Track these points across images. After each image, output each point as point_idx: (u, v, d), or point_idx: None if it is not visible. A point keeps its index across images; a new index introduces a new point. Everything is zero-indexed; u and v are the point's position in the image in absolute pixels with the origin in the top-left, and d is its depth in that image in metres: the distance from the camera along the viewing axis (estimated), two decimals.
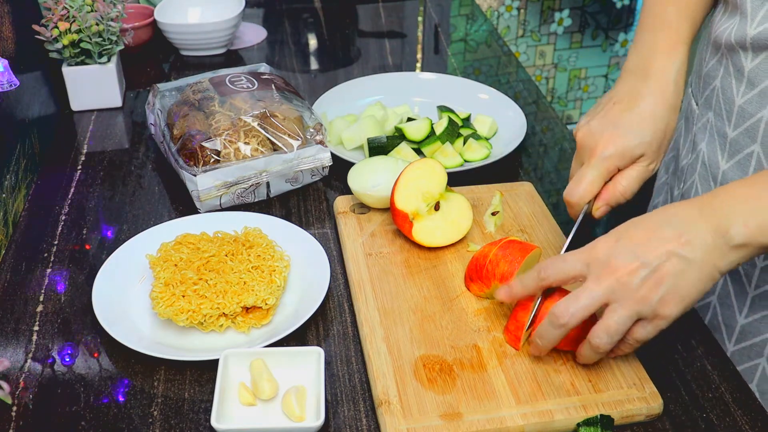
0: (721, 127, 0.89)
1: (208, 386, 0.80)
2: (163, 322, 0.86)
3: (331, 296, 0.92)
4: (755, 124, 0.83)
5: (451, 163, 1.13)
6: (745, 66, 0.84)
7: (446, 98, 1.31)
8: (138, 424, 0.76)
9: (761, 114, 0.82)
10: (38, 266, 0.97)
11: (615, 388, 0.77)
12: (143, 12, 1.52)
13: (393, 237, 0.98)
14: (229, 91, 1.12)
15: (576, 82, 2.82)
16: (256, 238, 0.92)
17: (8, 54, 1.10)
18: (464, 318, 0.86)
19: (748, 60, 0.83)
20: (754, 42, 0.82)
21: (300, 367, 0.79)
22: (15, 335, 0.87)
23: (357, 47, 1.62)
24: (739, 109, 0.85)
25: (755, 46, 0.82)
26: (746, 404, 0.78)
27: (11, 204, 1.03)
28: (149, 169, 1.17)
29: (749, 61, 0.83)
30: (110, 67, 1.30)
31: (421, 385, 0.77)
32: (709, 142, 0.91)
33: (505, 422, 0.74)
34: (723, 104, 0.88)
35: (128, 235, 1.00)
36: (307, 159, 1.07)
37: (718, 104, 0.89)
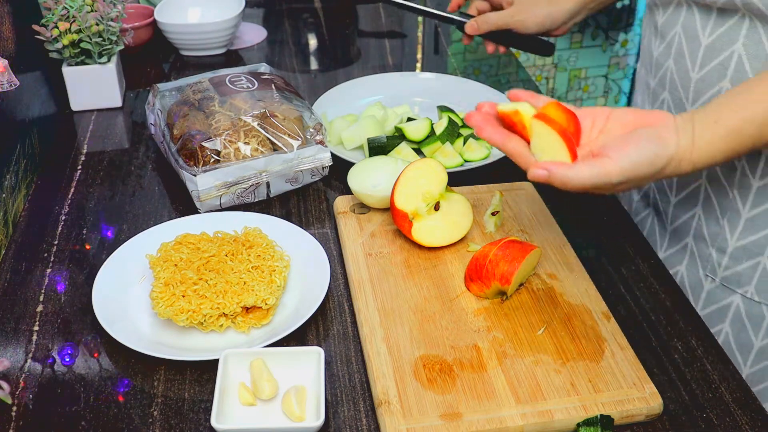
0: (647, 80, 1.01)
1: (208, 386, 0.80)
2: (163, 322, 0.86)
3: (331, 296, 0.92)
4: (665, 73, 0.96)
5: (451, 163, 1.13)
6: (658, 21, 0.96)
7: (446, 98, 1.31)
8: (138, 424, 0.76)
9: (668, 63, 0.94)
10: (38, 266, 0.97)
11: (615, 388, 0.77)
12: (143, 12, 1.52)
13: (393, 237, 0.98)
14: (229, 91, 1.12)
15: (576, 82, 2.82)
16: (256, 238, 0.92)
17: (8, 54, 1.10)
18: (464, 318, 0.86)
19: (660, 15, 0.95)
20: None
21: (300, 367, 0.79)
22: (15, 335, 0.87)
23: (357, 47, 1.61)
24: (655, 61, 0.98)
25: (663, 1, 0.94)
26: (746, 404, 0.78)
27: (11, 204, 1.03)
28: (149, 169, 1.17)
29: (660, 17, 0.95)
30: (110, 67, 1.30)
31: (421, 385, 0.77)
32: (642, 94, 1.06)
33: (505, 422, 0.74)
34: (647, 58, 1.01)
35: (128, 235, 1.00)
36: (307, 159, 1.07)
37: (645, 59, 1.02)
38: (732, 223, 0.92)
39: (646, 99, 1.03)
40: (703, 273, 0.98)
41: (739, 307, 0.95)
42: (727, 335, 0.97)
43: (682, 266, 1.01)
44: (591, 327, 0.84)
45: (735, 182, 0.90)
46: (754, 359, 0.95)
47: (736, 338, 0.96)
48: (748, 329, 0.95)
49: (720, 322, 0.97)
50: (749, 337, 0.95)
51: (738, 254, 0.93)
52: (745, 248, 0.92)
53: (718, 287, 0.96)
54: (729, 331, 0.97)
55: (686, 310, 0.90)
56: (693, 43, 0.89)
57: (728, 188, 0.91)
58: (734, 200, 0.91)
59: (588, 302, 0.88)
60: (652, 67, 0.99)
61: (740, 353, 0.97)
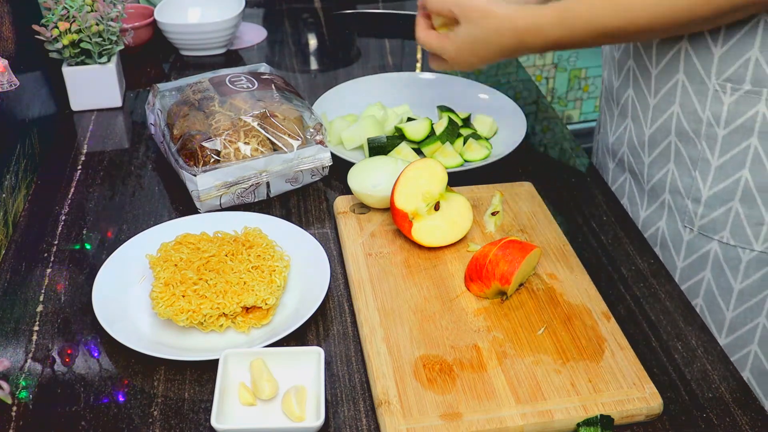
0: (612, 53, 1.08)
1: (208, 386, 0.80)
2: (163, 322, 0.86)
3: (331, 296, 0.92)
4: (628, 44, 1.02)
5: (451, 163, 1.13)
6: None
7: (446, 98, 1.31)
8: (138, 424, 0.76)
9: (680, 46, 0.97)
10: (38, 266, 0.97)
11: (615, 388, 0.77)
12: (143, 12, 1.52)
13: (393, 237, 0.98)
14: (229, 91, 1.12)
15: (576, 82, 2.82)
16: (256, 238, 0.92)
17: (8, 54, 1.10)
18: (464, 318, 0.86)
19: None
20: None
21: (300, 367, 0.79)
22: (15, 335, 0.87)
23: (357, 47, 1.61)
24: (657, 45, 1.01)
25: None
26: (746, 404, 0.78)
27: (11, 204, 1.03)
28: (149, 169, 1.17)
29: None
30: (110, 67, 1.30)
31: (421, 385, 0.77)
32: (608, 69, 1.11)
33: (505, 422, 0.74)
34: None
35: (128, 235, 1.00)
36: (307, 159, 1.07)
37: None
38: (703, 173, 0.96)
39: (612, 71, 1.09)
40: (682, 225, 1.01)
41: (717, 253, 0.99)
42: (709, 282, 1.01)
43: (662, 221, 1.05)
44: (591, 327, 0.84)
45: (702, 133, 0.94)
46: (735, 303, 0.99)
47: (717, 283, 1.00)
48: (727, 274, 0.98)
49: (701, 270, 1.01)
50: (728, 282, 0.99)
51: (711, 202, 0.97)
52: (717, 195, 0.96)
53: (696, 236, 1.00)
54: (710, 277, 1.00)
55: (686, 310, 0.90)
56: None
57: (696, 140, 0.96)
58: (703, 151, 0.95)
59: (588, 302, 0.88)
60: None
61: (722, 298, 1.00)
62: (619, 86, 1.07)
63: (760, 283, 0.96)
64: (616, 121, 1.10)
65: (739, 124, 0.91)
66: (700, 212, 0.98)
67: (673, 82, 0.96)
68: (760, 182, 0.92)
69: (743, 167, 0.93)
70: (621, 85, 1.06)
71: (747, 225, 0.95)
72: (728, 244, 0.97)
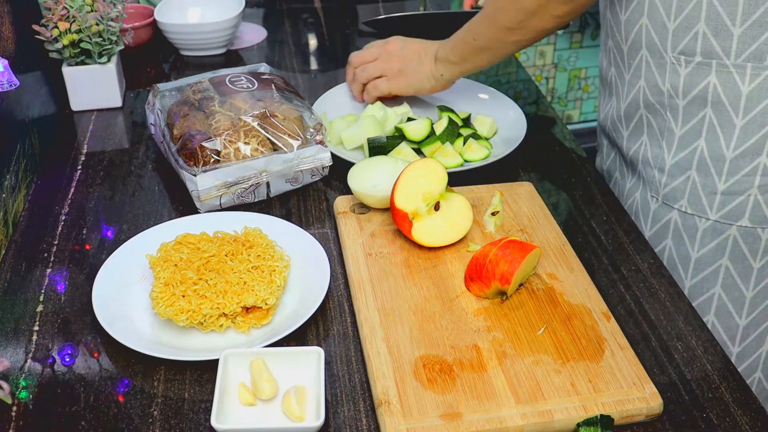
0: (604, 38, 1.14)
1: (208, 386, 0.80)
2: (163, 322, 0.86)
3: (331, 296, 0.92)
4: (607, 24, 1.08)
5: (451, 163, 1.13)
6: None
7: (446, 98, 1.31)
8: (138, 424, 0.76)
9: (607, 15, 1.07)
10: (38, 266, 0.97)
11: (615, 388, 0.77)
12: (143, 12, 1.52)
13: (393, 237, 0.98)
14: (229, 91, 1.12)
15: (576, 82, 2.82)
16: (256, 238, 0.92)
17: (8, 54, 1.10)
18: (464, 318, 0.86)
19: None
20: None
21: (300, 367, 0.79)
22: (15, 335, 0.87)
23: (357, 47, 1.61)
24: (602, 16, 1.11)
25: None
26: (746, 404, 0.78)
27: (11, 204, 1.03)
28: (149, 169, 1.17)
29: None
30: (110, 67, 1.30)
31: (421, 385, 0.77)
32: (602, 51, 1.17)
33: (505, 422, 0.74)
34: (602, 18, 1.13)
35: (128, 235, 1.00)
36: (307, 159, 1.07)
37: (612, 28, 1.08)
38: (669, 142, 1.02)
39: (603, 55, 1.16)
40: (650, 195, 1.07)
41: (677, 222, 1.04)
42: (671, 250, 1.06)
43: (638, 193, 1.11)
44: (591, 327, 0.84)
45: (666, 105, 1.01)
46: (693, 271, 1.04)
47: (677, 252, 1.05)
48: (685, 242, 1.03)
49: (664, 239, 1.07)
50: (687, 250, 1.04)
51: (673, 171, 1.02)
52: (678, 164, 1.02)
53: (660, 206, 1.06)
54: (671, 245, 1.06)
55: (686, 310, 0.90)
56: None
57: (663, 112, 1.02)
58: (669, 121, 1.01)
59: (588, 302, 0.88)
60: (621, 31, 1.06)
61: (681, 266, 1.05)
62: (606, 65, 1.14)
63: (715, 251, 1.00)
64: (605, 99, 1.18)
65: (694, 94, 0.96)
66: (663, 181, 1.04)
67: (639, 57, 1.02)
68: (714, 151, 0.97)
69: (700, 136, 0.98)
70: (607, 64, 1.14)
71: (702, 194, 1.00)
72: (686, 213, 1.02)
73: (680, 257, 1.05)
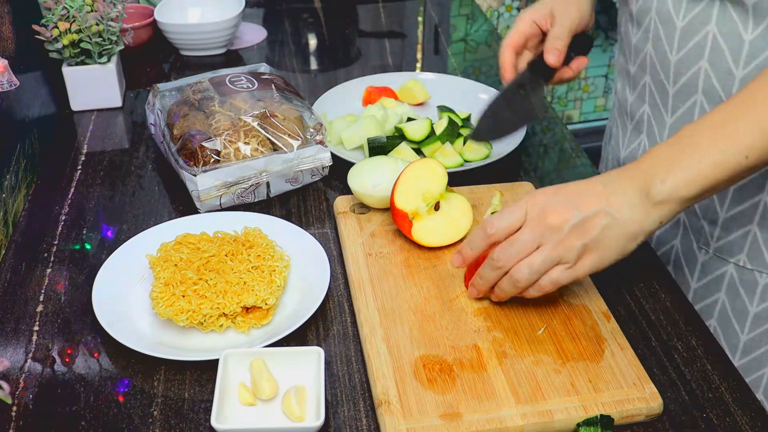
0: (627, 66, 1.04)
1: (208, 386, 0.80)
2: (163, 322, 0.86)
3: (331, 296, 0.92)
4: (644, 58, 0.98)
5: (451, 163, 1.13)
6: (633, 9, 0.98)
7: (446, 98, 1.31)
8: (138, 424, 0.76)
9: (646, 48, 0.97)
10: (38, 266, 0.97)
11: (615, 388, 0.77)
12: (143, 12, 1.52)
13: (393, 237, 0.98)
14: (229, 91, 1.12)
15: (576, 82, 2.82)
16: (256, 238, 0.92)
17: (8, 54, 1.10)
18: (464, 318, 0.86)
19: (634, 4, 0.97)
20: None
21: (300, 367, 0.79)
22: (15, 335, 0.87)
23: (357, 47, 1.62)
24: (634, 47, 1.00)
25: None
26: (746, 404, 0.78)
27: (11, 204, 1.03)
28: (149, 169, 1.17)
29: (635, 5, 0.97)
30: (110, 67, 1.30)
31: (421, 385, 0.77)
32: (621, 81, 1.08)
33: (505, 422, 0.74)
34: (626, 46, 1.03)
35: (128, 235, 1.00)
36: (307, 159, 1.07)
37: (624, 46, 1.04)
38: (721, 195, 0.94)
39: (627, 85, 1.05)
40: (697, 245, 1.00)
41: (733, 276, 0.97)
42: (724, 303, 0.99)
43: (677, 240, 1.03)
44: (591, 327, 0.84)
45: None
46: (750, 326, 0.97)
47: (732, 306, 0.98)
48: (743, 296, 0.97)
49: (716, 292, 0.99)
50: (744, 304, 0.97)
51: (729, 224, 0.95)
52: (734, 218, 0.94)
53: (711, 258, 0.98)
54: (725, 299, 0.99)
55: (686, 310, 0.90)
56: (668, 27, 0.92)
57: None
58: None
59: (588, 302, 0.88)
60: (631, 54, 1.01)
61: (737, 321, 0.98)
62: (634, 101, 1.03)
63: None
64: (629, 135, 1.07)
65: None
66: (716, 234, 0.96)
67: (691, 102, 0.93)
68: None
69: (762, 191, 0.90)
70: (636, 100, 1.03)
71: (765, 249, 0.93)
72: (745, 268, 0.95)
73: (736, 311, 0.98)
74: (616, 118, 1.12)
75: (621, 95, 1.08)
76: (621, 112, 1.09)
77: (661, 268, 0.97)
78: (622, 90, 1.07)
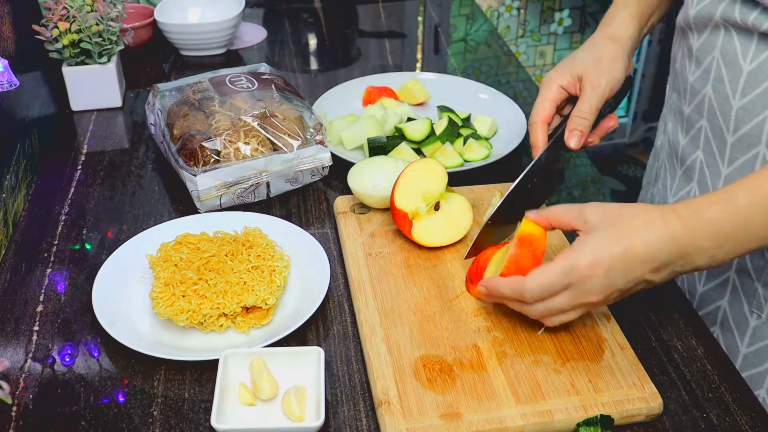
0: (680, 106, 0.95)
1: (208, 386, 0.80)
2: (163, 322, 0.86)
3: (331, 296, 0.92)
4: (702, 100, 0.89)
5: (451, 163, 1.13)
6: (693, 46, 0.90)
7: (446, 98, 1.31)
8: (138, 424, 0.76)
9: (705, 90, 0.88)
10: (38, 266, 0.97)
11: (615, 388, 0.77)
12: (143, 12, 1.52)
13: (393, 237, 0.98)
14: (229, 91, 1.12)
15: None
16: (256, 238, 0.92)
17: (8, 54, 1.10)
18: (464, 318, 0.86)
19: (695, 40, 0.89)
20: (695, 21, 0.87)
21: (300, 367, 0.79)
22: (15, 335, 0.87)
23: (357, 47, 1.62)
24: (690, 87, 0.92)
25: (697, 25, 0.88)
26: (746, 404, 0.78)
27: (11, 204, 1.03)
28: (149, 169, 1.17)
29: (695, 41, 0.89)
30: (110, 67, 1.30)
31: (421, 385, 0.77)
32: (674, 121, 0.99)
33: (505, 422, 0.74)
34: (680, 84, 0.95)
35: (128, 235, 1.00)
36: (307, 159, 1.07)
37: (678, 84, 0.96)
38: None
39: (679, 126, 0.96)
40: (749, 309, 0.90)
41: None
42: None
43: (724, 301, 0.93)
44: (591, 327, 0.84)
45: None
46: None
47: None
48: None
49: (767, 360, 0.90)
50: None
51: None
52: None
53: (765, 323, 0.89)
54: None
55: (686, 310, 0.90)
56: (733, 70, 0.84)
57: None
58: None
59: None
60: (687, 93, 0.93)
61: None
62: (687, 145, 0.94)
63: None
64: (678, 181, 0.98)
65: None
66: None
67: (752, 154, 0.84)
68: None
69: None
70: (689, 144, 0.94)
71: None
72: None
73: None
74: (665, 160, 1.02)
75: (672, 136, 0.99)
76: (671, 154, 1.00)
77: None
78: (674, 131, 0.98)
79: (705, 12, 0.86)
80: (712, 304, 0.95)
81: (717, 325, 0.94)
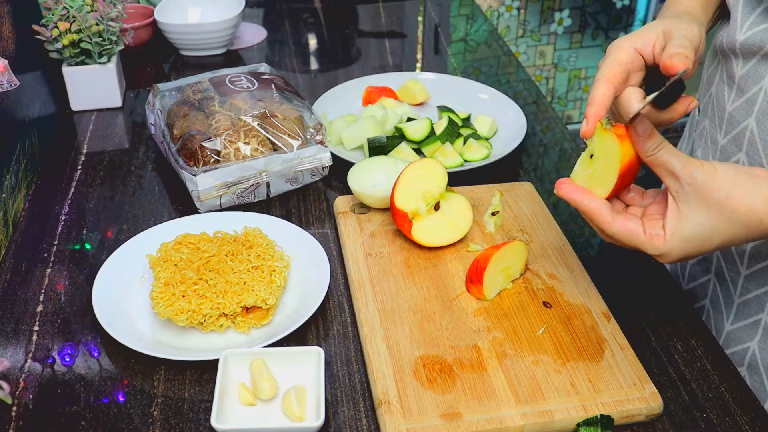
0: (714, 134, 0.89)
1: (208, 386, 0.80)
2: (163, 322, 0.86)
3: (331, 296, 0.92)
4: (741, 132, 0.83)
5: (451, 163, 1.13)
6: (735, 72, 0.84)
7: (446, 98, 1.31)
8: (138, 424, 0.76)
9: (747, 122, 0.82)
10: (38, 266, 0.97)
11: (615, 388, 0.77)
12: (143, 12, 1.52)
13: (393, 237, 0.98)
14: (229, 91, 1.12)
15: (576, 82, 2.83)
16: (256, 238, 0.92)
17: (8, 54, 1.10)
18: (464, 318, 0.86)
19: (739, 67, 0.84)
20: (742, 48, 0.82)
21: (300, 367, 0.79)
22: (15, 335, 0.87)
23: (357, 47, 1.62)
24: (728, 116, 0.86)
25: (744, 52, 0.83)
26: (746, 404, 0.78)
27: (11, 204, 1.03)
28: (149, 169, 1.17)
29: (739, 68, 0.84)
30: (110, 67, 1.30)
31: (421, 385, 0.77)
32: (704, 148, 0.92)
33: (505, 422, 0.74)
34: (716, 111, 0.89)
35: (128, 235, 1.00)
36: (307, 159, 1.07)
37: (713, 111, 0.90)
38: None
39: (710, 155, 0.90)
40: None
41: None
42: None
43: (754, 343, 0.88)
44: (591, 327, 0.84)
45: None
46: None
47: None
48: None
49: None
50: None
51: None
52: None
53: None
54: None
55: (686, 310, 0.90)
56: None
57: None
58: None
59: (588, 302, 0.88)
60: (723, 122, 0.87)
61: None
62: None
63: None
64: None
65: None
66: None
67: None
68: None
69: None
70: None
71: None
72: None
73: None
74: None
75: None
76: None
77: (661, 267, 0.97)
78: (704, 157, 0.91)
79: (756, 39, 0.80)
80: (740, 345, 0.89)
81: (744, 366, 0.89)
